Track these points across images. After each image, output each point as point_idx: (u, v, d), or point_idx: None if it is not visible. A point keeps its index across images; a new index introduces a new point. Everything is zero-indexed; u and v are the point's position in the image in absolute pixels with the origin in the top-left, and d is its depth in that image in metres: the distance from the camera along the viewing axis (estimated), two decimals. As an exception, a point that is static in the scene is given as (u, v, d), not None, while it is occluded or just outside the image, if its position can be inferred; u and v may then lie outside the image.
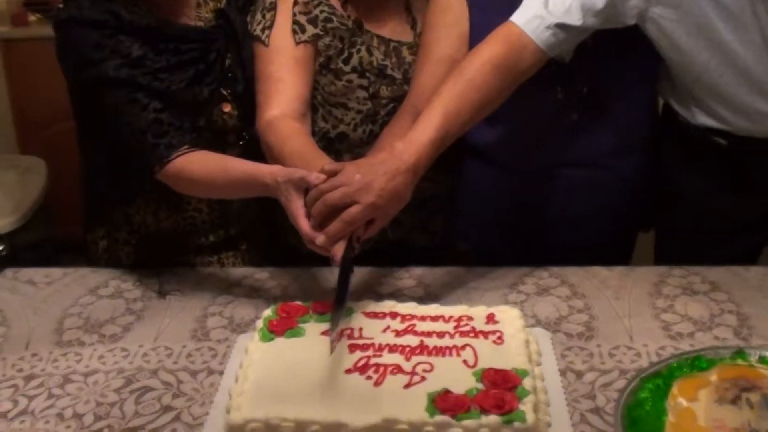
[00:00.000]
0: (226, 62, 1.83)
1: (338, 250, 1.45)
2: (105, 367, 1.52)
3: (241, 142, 1.86)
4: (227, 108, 1.83)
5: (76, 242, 2.12)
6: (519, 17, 1.64)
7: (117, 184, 1.81)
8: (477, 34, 1.75)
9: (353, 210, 1.44)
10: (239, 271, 1.87)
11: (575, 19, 1.62)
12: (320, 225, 1.46)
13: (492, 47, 1.63)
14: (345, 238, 1.46)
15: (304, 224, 1.48)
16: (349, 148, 1.89)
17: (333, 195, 1.45)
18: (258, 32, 1.81)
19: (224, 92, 1.83)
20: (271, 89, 1.77)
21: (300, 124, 1.75)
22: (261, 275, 1.83)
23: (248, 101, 1.82)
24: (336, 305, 1.42)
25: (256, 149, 1.77)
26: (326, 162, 1.57)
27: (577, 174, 1.88)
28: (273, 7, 1.82)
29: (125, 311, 1.71)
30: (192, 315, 1.68)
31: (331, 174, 1.49)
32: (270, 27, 1.80)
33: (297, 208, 1.49)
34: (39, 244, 2.98)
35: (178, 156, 1.67)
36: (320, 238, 1.45)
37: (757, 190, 1.81)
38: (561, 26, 1.62)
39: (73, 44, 1.69)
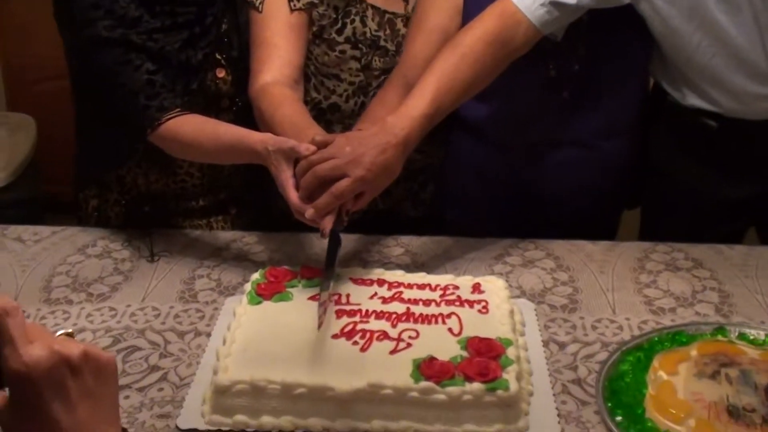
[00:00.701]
0: (222, 27, 1.82)
1: (327, 223, 1.45)
2: (92, 325, 1.54)
3: (234, 108, 1.85)
4: (221, 73, 1.82)
5: (63, 201, 2.12)
6: None
7: (110, 146, 1.80)
8: (471, 6, 1.75)
9: (342, 183, 1.44)
10: (227, 235, 1.87)
11: (570, -3, 1.62)
12: (309, 196, 1.46)
13: (486, 23, 1.63)
14: (334, 211, 1.46)
15: (292, 195, 1.48)
16: (341, 119, 1.89)
17: (323, 167, 1.45)
18: (252, -1, 1.81)
19: (219, 57, 1.82)
20: (265, 55, 1.76)
21: (292, 91, 1.74)
22: (249, 239, 1.84)
23: (243, 67, 1.81)
24: (323, 278, 1.43)
25: (248, 115, 1.76)
26: (317, 132, 1.57)
27: (566, 153, 1.89)
28: None
29: (113, 271, 1.72)
30: (180, 277, 1.69)
31: (322, 145, 1.48)
32: (264, -7, 1.79)
33: (286, 178, 1.49)
34: (25, 202, 2.96)
35: (170, 118, 1.66)
36: (309, 212, 1.45)
37: (744, 173, 1.83)
38: (555, 4, 1.62)
39: (70, 3, 1.67)
